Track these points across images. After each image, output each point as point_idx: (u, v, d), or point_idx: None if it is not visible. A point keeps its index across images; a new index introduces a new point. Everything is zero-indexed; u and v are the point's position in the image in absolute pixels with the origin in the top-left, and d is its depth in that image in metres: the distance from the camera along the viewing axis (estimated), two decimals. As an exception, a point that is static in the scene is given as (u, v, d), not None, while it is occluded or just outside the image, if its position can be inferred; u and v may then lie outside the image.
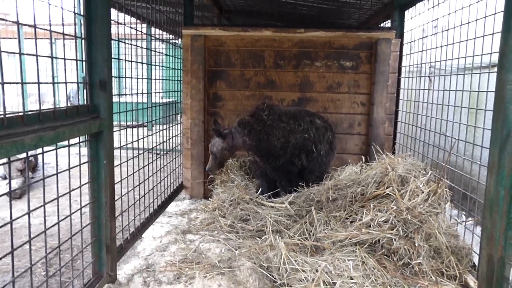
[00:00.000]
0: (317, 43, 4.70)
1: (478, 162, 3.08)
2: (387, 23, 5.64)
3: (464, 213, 3.50)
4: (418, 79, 4.42)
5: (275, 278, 2.81)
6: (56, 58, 2.27)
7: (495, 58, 2.38)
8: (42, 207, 2.09)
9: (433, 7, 3.93)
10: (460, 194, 3.39)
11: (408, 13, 4.67)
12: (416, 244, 2.82)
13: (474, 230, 3.13)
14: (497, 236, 2.30)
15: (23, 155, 1.92)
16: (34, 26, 1.92)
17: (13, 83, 1.90)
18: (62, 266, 2.46)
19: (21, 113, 1.83)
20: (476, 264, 2.73)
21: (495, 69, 2.35)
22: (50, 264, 3.23)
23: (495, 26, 2.72)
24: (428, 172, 3.36)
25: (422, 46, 4.31)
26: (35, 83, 2.00)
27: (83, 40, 2.42)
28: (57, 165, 2.19)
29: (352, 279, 2.66)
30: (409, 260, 2.82)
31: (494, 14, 2.76)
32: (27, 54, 2.00)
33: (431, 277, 2.75)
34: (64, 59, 2.28)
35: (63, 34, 2.24)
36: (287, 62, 4.77)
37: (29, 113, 1.89)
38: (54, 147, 2.20)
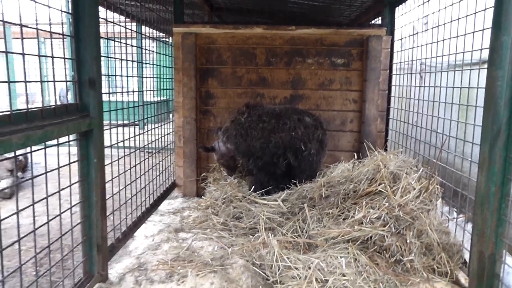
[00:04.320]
0: (308, 40, 4.69)
1: (469, 159, 3.10)
2: (378, 20, 5.66)
3: (455, 209, 3.52)
4: (409, 76, 4.43)
5: (267, 276, 2.80)
6: (45, 56, 2.25)
7: (486, 54, 2.39)
8: (32, 207, 2.06)
9: (423, 4, 3.94)
10: (451, 191, 3.41)
11: (399, 10, 4.68)
12: (408, 241, 2.83)
13: (465, 227, 3.15)
14: (488, 232, 2.32)
15: (13, 154, 1.89)
16: (21, 25, 1.89)
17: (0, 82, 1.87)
18: (53, 265, 2.43)
19: (8, 112, 1.80)
20: (467, 260, 2.75)
21: (486, 65, 2.36)
22: (40, 264, 3.20)
23: (485, 22, 2.73)
24: (419, 169, 3.38)
25: (412, 43, 4.32)
26: (22, 81, 1.97)
27: (71, 39, 2.39)
28: (46, 164, 2.17)
29: (344, 276, 2.67)
30: (401, 257, 2.83)
31: (484, 10, 2.77)
32: (13, 53, 1.97)
33: (422, 273, 2.76)
34: (52, 57, 2.25)
35: (50, 32, 2.21)
36: (279, 59, 4.76)
37: (17, 112, 1.86)
38: (43, 146, 2.17)
